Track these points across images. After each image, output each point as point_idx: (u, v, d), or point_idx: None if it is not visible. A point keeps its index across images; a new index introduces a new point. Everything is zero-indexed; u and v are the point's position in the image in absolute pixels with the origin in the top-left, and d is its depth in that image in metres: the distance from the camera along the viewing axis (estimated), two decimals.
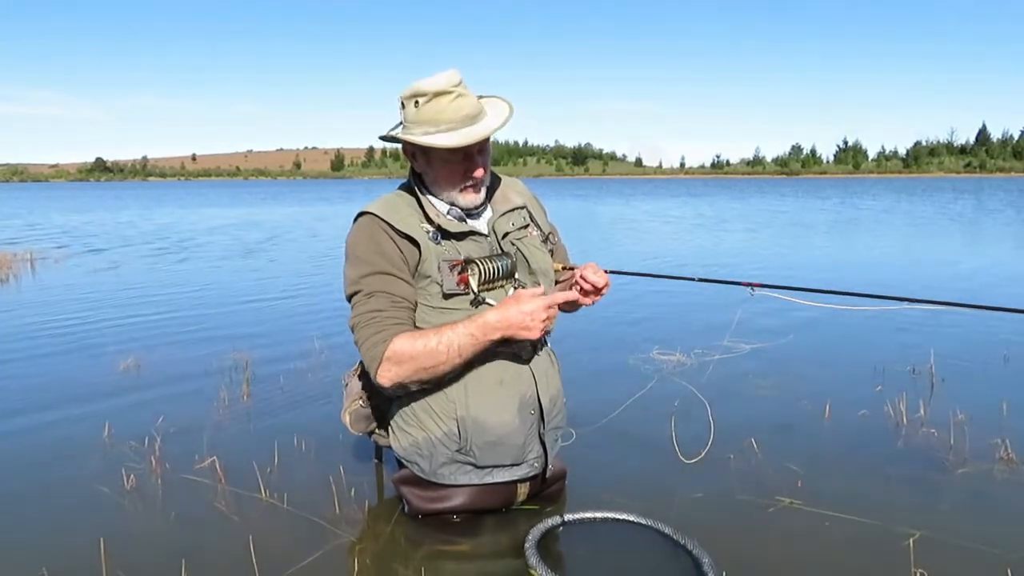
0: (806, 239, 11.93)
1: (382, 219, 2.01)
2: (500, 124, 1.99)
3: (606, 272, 2.18)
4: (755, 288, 2.24)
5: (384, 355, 1.92)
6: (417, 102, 1.94)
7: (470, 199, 2.06)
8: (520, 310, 1.89)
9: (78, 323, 5.34)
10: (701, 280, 2.50)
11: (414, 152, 2.05)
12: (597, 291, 2.14)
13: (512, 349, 2.07)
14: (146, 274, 8.32)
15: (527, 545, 1.96)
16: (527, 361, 2.11)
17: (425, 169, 2.05)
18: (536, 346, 2.15)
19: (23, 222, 19.59)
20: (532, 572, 1.87)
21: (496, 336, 1.91)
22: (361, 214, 2.08)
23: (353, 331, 2.00)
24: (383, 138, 2.08)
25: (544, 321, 1.91)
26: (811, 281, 6.73)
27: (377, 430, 2.28)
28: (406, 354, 1.91)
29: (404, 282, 2.00)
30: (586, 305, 2.18)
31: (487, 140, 2.02)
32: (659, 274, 2.47)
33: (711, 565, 1.87)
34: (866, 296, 2.13)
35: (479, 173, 2.02)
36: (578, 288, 2.14)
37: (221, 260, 9.83)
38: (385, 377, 1.94)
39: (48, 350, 4.47)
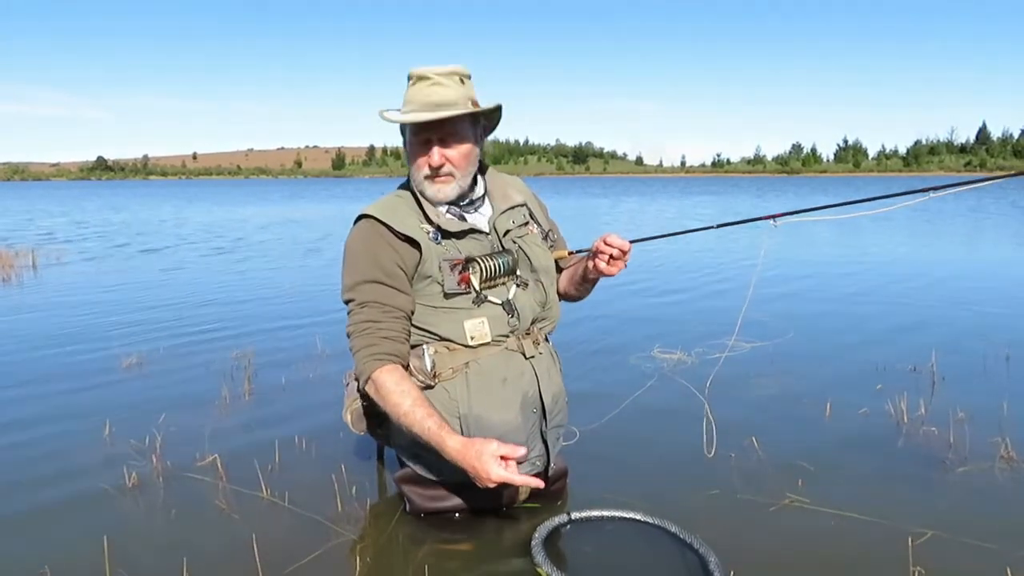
0: (853, 236, 11.69)
1: (381, 222, 2.02)
2: (443, 115, 1.95)
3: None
4: (777, 219, 2.20)
5: (371, 376, 1.97)
6: (408, 83, 2.04)
7: (433, 190, 2.05)
8: (474, 466, 1.85)
9: (85, 322, 5.35)
10: (720, 226, 2.44)
11: (401, 131, 2.11)
12: (623, 254, 2.10)
13: (517, 347, 2.09)
14: (218, 276, 8.03)
15: (533, 543, 1.96)
16: (530, 359, 2.11)
17: (405, 150, 2.11)
18: (538, 344, 2.16)
19: (68, 219, 19.39)
20: (539, 570, 1.87)
21: (446, 456, 1.90)
22: (361, 217, 2.09)
23: (348, 338, 2.04)
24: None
25: (497, 481, 1.85)
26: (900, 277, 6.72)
27: (379, 429, 2.29)
28: (382, 390, 1.96)
29: (398, 291, 2.01)
30: (611, 274, 2.13)
31: (456, 136, 2.02)
32: (676, 232, 2.43)
33: (717, 564, 1.87)
34: (880, 198, 2.09)
35: (435, 161, 2.01)
36: (604, 257, 2.10)
37: (282, 259, 9.63)
38: (368, 391, 2.02)
39: (50, 348, 4.47)
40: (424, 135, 2.01)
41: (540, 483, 1.91)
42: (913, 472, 2.53)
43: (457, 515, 2.16)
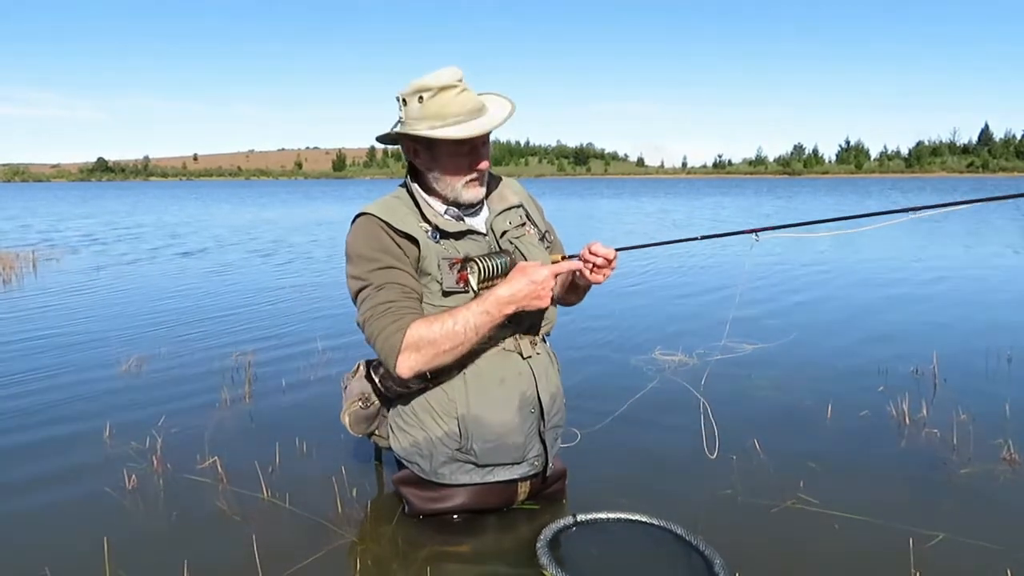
0: (854, 239, 11.55)
1: (380, 219, 2.02)
2: (506, 117, 2.01)
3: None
4: (758, 233, 2.19)
5: (403, 344, 1.90)
6: (421, 97, 1.94)
7: (473, 193, 2.07)
8: (530, 280, 1.93)
9: (85, 323, 5.35)
10: (704, 237, 2.44)
11: (416, 149, 2.05)
12: (608, 263, 2.09)
13: (514, 347, 2.08)
14: (262, 278, 7.86)
15: (539, 545, 1.96)
16: (527, 359, 2.10)
17: (430, 165, 2.04)
18: (535, 344, 2.15)
19: (98, 221, 19.34)
20: (544, 572, 1.87)
21: (510, 310, 1.94)
22: (359, 215, 2.09)
23: (363, 326, 1.98)
24: (381, 138, 2.08)
25: (551, 289, 1.98)
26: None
27: (377, 431, 2.29)
28: (425, 339, 1.90)
29: (410, 275, 2.01)
30: (598, 282, 2.12)
31: (489, 134, 2.04)
32: (661, 241, 2.44)
33: (723, 566, 1.86)
34: (866, 216, 2.08)
35: (484, 165, 2.04)
36: (589, 265, 2.10)
37: (326, 261, 9.51)
38: (405, 366, 1.91)
39: (51, 349, 4.48)
40: (472, 142, 2.00)
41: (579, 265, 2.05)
42: (915, 473, 2.52)
43: (456, 516, 2.15)
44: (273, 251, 11.03)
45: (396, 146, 2.12)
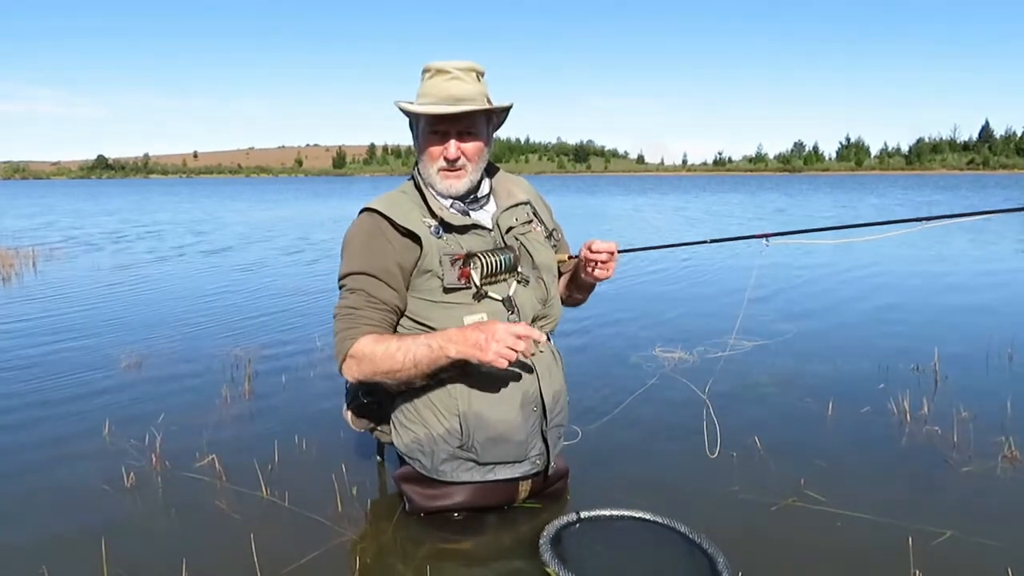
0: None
1: (384, 215, 2.02)
2: (466, 109, 1.97)
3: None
4: (769, 238, 2.20)
5: (349, 351, 1.99)
6: (423, 76, 2.04)
7: (446, 184, 2.07)
8: (481, 329, 1.87)
9: (82, 320, 5.35)
10: (713, 241, 2.44)
11: (411, 125, 2.13)
12: (611, 256, 2.17)
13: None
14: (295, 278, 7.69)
15: (542, 542, 1.95)
16: (530, 356, 2.10)
17: (419, 145, 2.11)
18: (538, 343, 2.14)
19: (118, 219, 19.27)
20: (546, 569, 1.86)
21: (452, 351, 1.89)
22: (364, 210, 2.09)
23: (333, 319, 2.08)
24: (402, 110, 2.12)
25: (505, 349, 1.84)
26: None
27: (379, 427, 2.28)
28: (366, 354, 1.96)
29: (387, 287, 2.02)
30: (606, 278, 2.20)
31: (472, 131, 2.04)
32: (670, 244, 2.43)
33: (726, 564, 1.86)
34: (874, 224, 2.09)
35: (451, 154, 2.02)
36: (593, 264, 2.17)
37: None
38: (348, 372, 2.03)
39: (50, 347, 4.47)
40: (442, 128, 2.02)
41: (542, 336, 1.95)
42: (915, 471, 2.52)
43: (457, 515, 2.15)
44: (300, 248, 10.97)
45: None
